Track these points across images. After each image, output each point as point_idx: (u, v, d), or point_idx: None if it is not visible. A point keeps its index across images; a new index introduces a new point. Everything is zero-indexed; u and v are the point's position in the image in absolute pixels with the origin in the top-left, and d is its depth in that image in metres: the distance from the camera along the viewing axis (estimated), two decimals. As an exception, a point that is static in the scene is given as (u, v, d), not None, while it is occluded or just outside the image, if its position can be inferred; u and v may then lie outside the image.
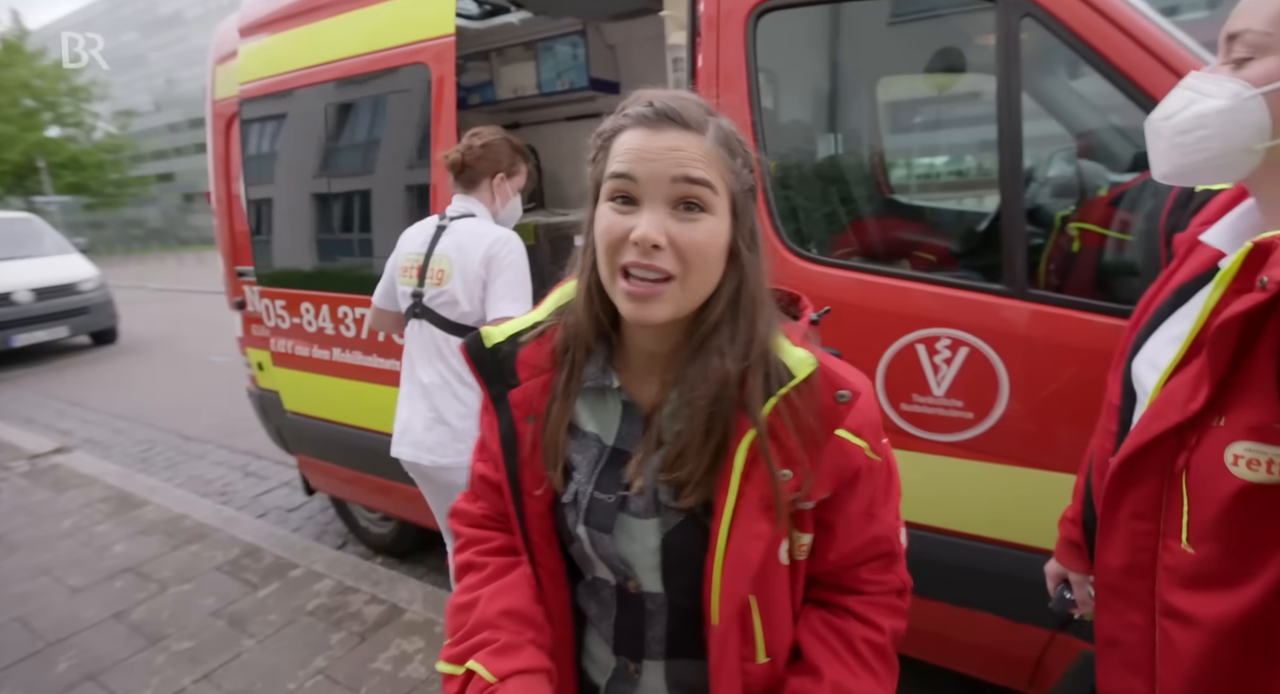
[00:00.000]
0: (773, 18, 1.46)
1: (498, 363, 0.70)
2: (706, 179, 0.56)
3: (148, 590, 2.53)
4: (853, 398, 0.61)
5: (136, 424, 5.07)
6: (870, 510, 0.67)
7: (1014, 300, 1.28)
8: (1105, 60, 1.15)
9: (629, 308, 0.58)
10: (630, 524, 0.65)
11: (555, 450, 0.66)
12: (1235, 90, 0.61)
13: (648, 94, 0.59)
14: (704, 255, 0.57)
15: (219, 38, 2.82)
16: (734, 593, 0.61)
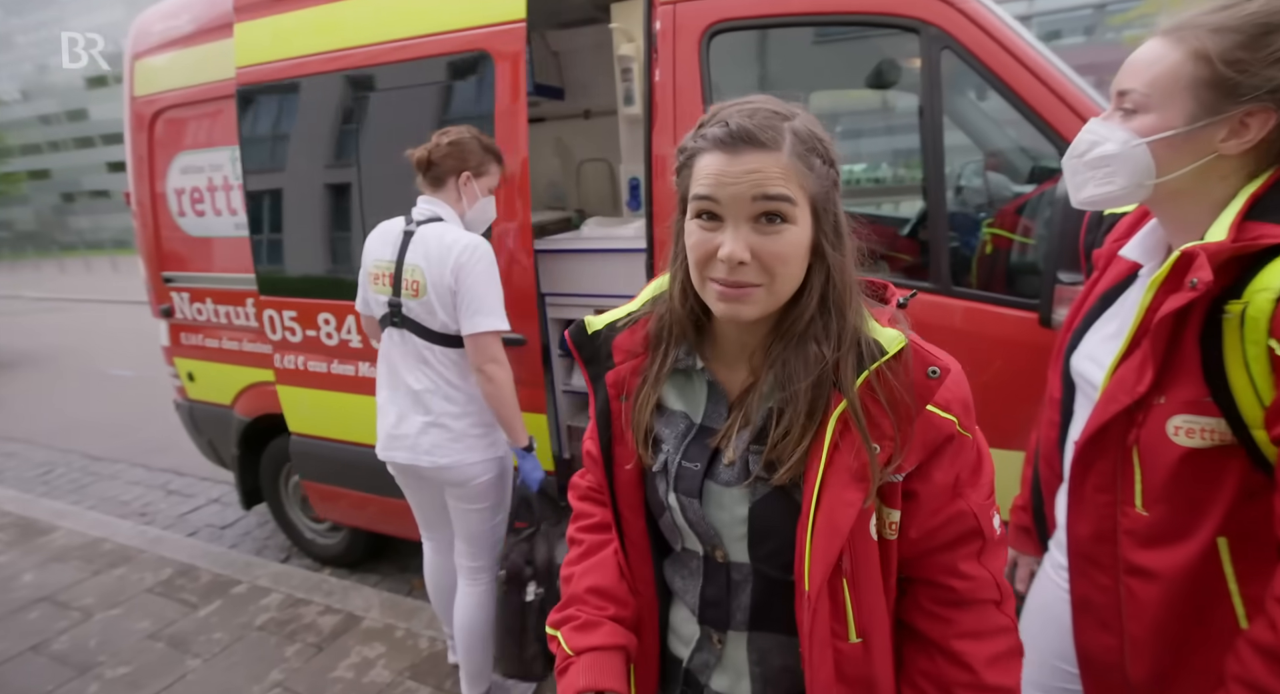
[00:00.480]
0: (724, 37, 1.59)
1: (596, 348, 0.76)
2: (785, 194, 0.59)
3: (69, 619, 2.35)
4: (943, 374, 0.63)
5: (30, 446, 4.61)
6: (957, 486, 0.66)
7: (940, 297, 1.47)
8: (1008, 87, 1.35)
9: (720, 307, 0.63)
10: (719, 493, 0.68)
11: (643, 426, 0.71)
12: (1125, 138, 0.74)
13: (725, 111, 0.62)
14: (786, 263, 0.61)
15: (138, 30, 2.67)
16: (825, 558, 0.63)
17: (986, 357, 1.43)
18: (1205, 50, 0.68)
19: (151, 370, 6.26)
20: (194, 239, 2.61)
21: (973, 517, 0.67)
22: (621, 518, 0.76)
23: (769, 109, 0.61)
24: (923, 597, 0.70)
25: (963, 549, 0.67)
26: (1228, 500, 0.70)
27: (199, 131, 2.53)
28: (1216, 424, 0.69)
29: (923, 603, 0.70)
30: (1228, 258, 0.66)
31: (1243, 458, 0.70)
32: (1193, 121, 0.70)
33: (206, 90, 2.45)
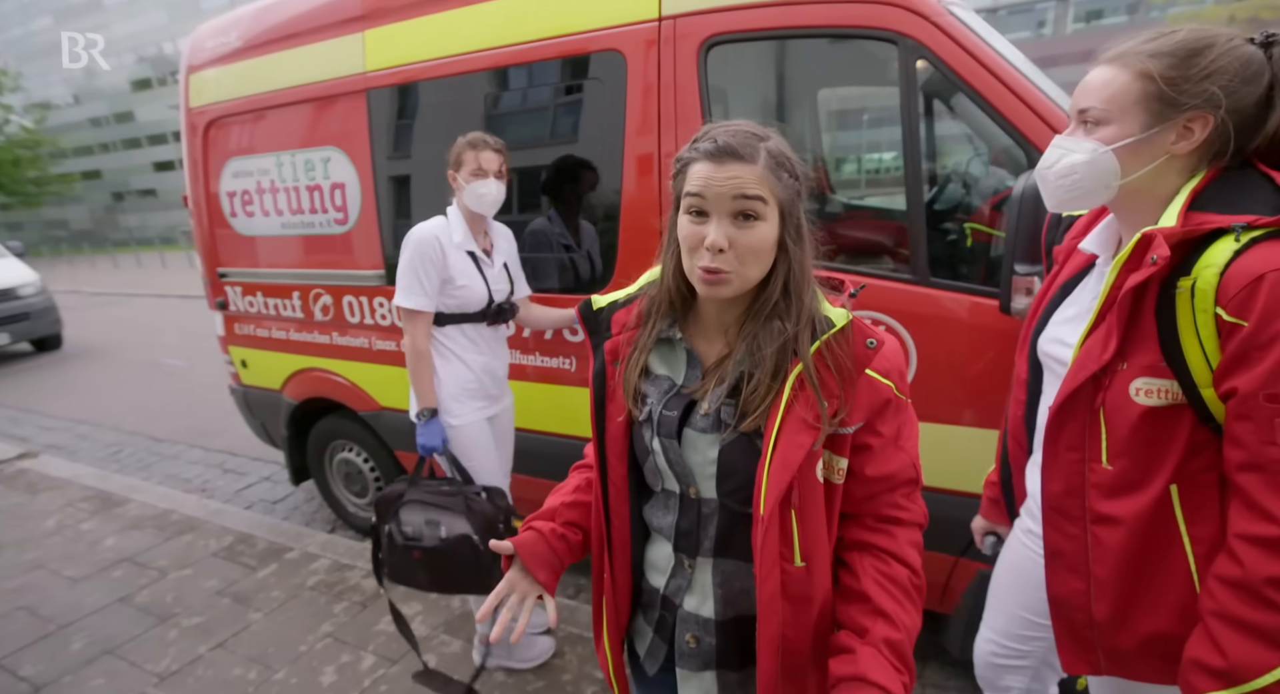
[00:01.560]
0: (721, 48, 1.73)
1: (599, 321, 0.93)
2: (759, 195, 0.74)
3: (148, 577, 2.65)
4: (878, 345, 0.79)
5: (100, 429, 5.02)
6: (899, 441, 0.82)
7: (919, 287, 1.60)
8: (976, 93, 1.47)
9: (703, 288, 0.78)
10: (695, 438, 0.84)
11: (631, 384, 0.87)
12: (1092, 148, 0.87)
13: (714, 130, 0.77)
14: (757, 252, 0.76)
15: (192, 45, 2.91)
16: (776, 488, 0.77)
17: (956, 339, 1.56)
18: (1148, 70, 0.82)
19: (201, 360, 6.71)
20: (244, 237, 2.86)
21: (913, 466, 0.84)
22: (607, 463, 0.92)
23: (749, 131, 0.77)
24: (869, 519, 0.85)
25: (904, 489, 0.85)
26: (1179, 453, 0.83)
27: (247, 139, 2.76)
28: (1170, 385, 0.82)
29: (869, 524, 0.85)
30: (1177, 240, 0.79)
31: (1191, 415, 0.82)
32: (1147, 129, 0.83)
33: (254, 101, 2.68)
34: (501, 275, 1.93)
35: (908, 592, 0.83)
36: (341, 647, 2.17)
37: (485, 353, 1.93)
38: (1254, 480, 0.75)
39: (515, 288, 1.98)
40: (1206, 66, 0.80)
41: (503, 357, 2.04)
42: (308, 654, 2.14)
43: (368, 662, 2.09)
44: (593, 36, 1.88)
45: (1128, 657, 0.92)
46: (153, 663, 2.14)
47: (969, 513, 1.63)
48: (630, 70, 1.84)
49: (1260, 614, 0.73)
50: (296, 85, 2.53)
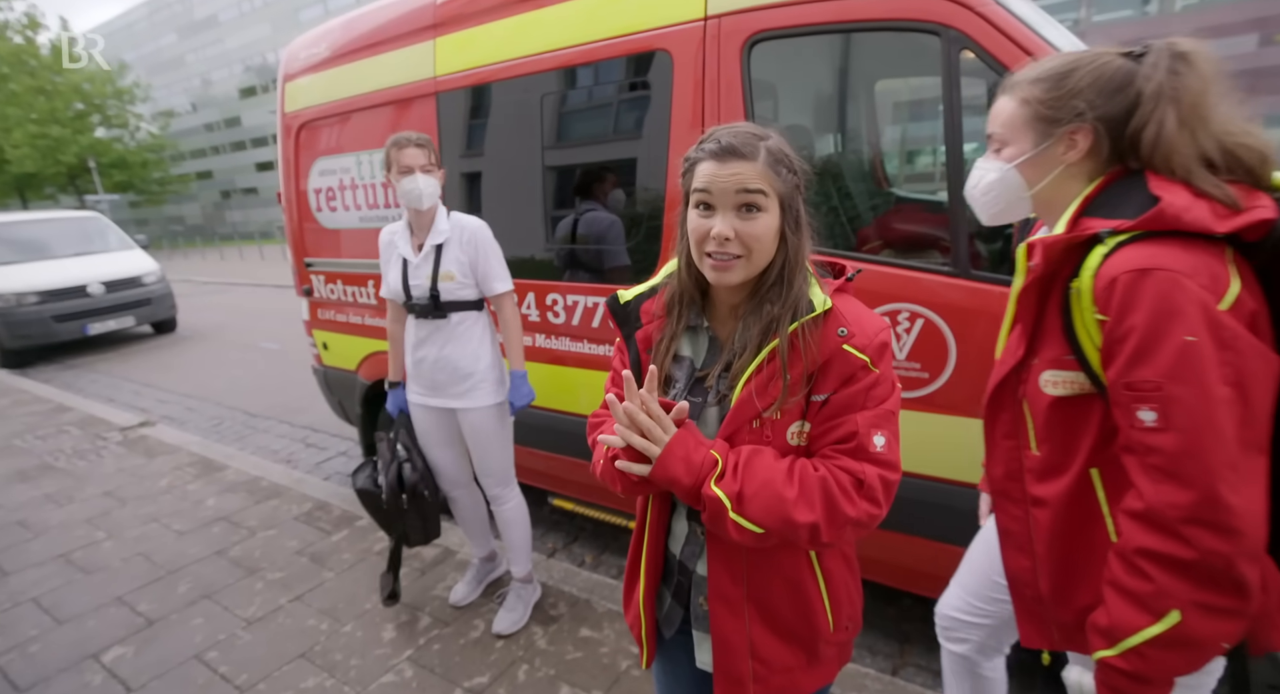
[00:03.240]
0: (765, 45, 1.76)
1: (627, 314, 1.00)
2: (760, 188, 0.82)
3: (240, 534, 2.97)
4: (850, 334, 0.84)
5: (205, 403, 5.59)
6: (856, 407, 0.84)
7: (958, 279, 1.57)
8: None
9: (712, 275, 0.86)
10: (705, 413, 0.92)
11: (664, 369, 0.95)
12: (1000, 167, 1.00)
13: (718, 132, 0.85)
14: (760, 241, 0.84)
15: (288, 56, 3.21)
16: (723, 433, 0.87)
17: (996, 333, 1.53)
18: (1029, 96, 0.95)
19: (292, 343, 7.32)
20: (327, 230, 3.14)
21: (855, 424, 0.85)
22: None
23: (750, 132, 0.85)
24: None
25: (842, 446, 0.85)
26: (1093, 438, 0.88)
27: (332, 140, 3.03)
28: (1076, 376, 0.88)
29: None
30: (1065, 246, 0.86)
31: (1101, 404, 0.87)
32: (1037, 145, 0.95)
33: (338, 105, 2.93)
34: (422, 272, 1.96)
35: (789, 463, 0.85)
36: (401, 607, 2.36)
37: (424, 344, 2.03)
38: (1130, 461, 0.81)
39: (454, 285, 1.95)
40: (1073, 86, 0.90)
41: (458, 351, 2.01)
42: (371, 612, 2.35)
43: (423, 622, 2.27)
44: (642, 37, 1.96)
45: (1072, 630, 0.96)
46: (242, 608, 2.41)
47: None
48: (677, 69, 1.90)
49: (1133, 581, 0.80)
50: (376, 90, 2.74)
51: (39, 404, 5.49)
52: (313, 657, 2.12)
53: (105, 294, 7.83)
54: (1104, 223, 0.82)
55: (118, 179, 31.62)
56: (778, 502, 0.82)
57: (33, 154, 27.57)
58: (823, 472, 0.84)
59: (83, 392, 6.13)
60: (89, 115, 30.30)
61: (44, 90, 28.02)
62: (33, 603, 2.53)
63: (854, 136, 2.64)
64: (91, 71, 29.82)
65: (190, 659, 2.14)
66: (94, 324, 7.73)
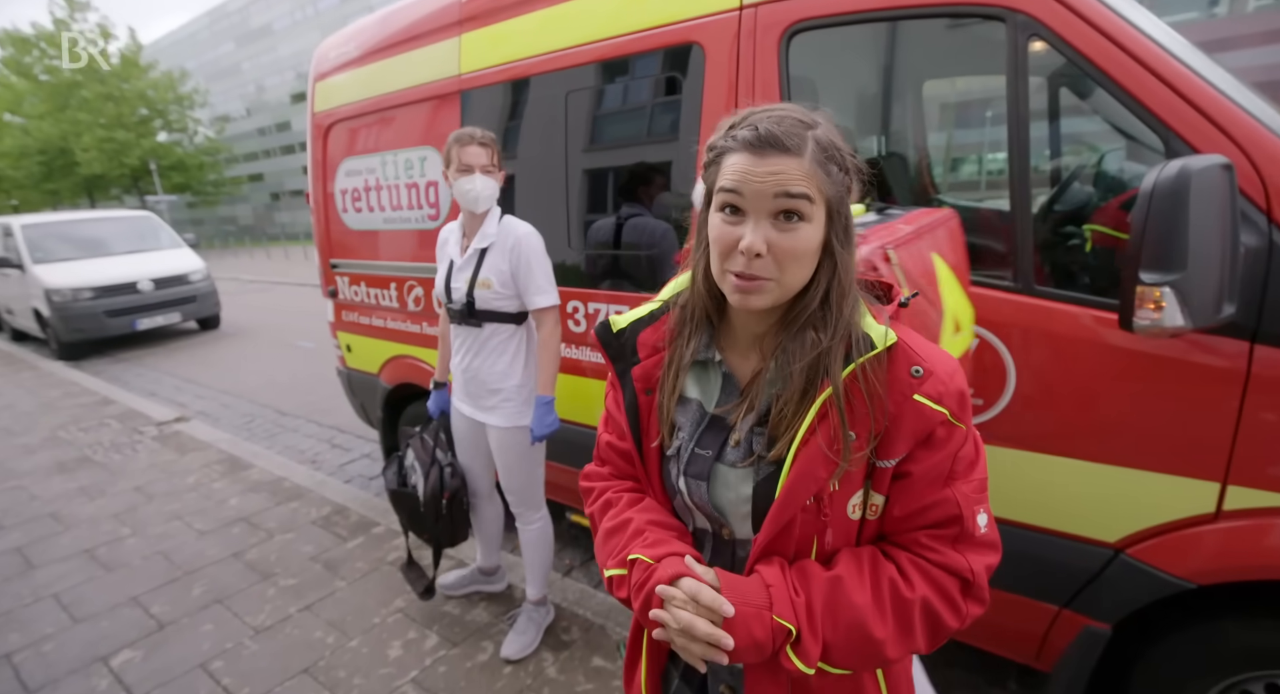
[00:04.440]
0: (804, 36, 1.62)
1: (621, 345, 0.82)
2: (805, 193, 0.64)
3: (258, 537, 2.94)
4: (926, 374, 0.67)
5: (240, 400, 5.69)
6: (947, 476, 0.69)
7: (1020, 296, 1.40)
8: (1109, 78, 1.25)
9: (736, 297, 0.69)
10: (727, 474, 0.74)
11: (668, 414, 0.78)
12: None
13: (755, 116, 0.67)
14: (798, 258, 0.67)
15: (318, 56, 3.20)
16: (774, 522, 0.70)
17: (1063, 357, 1.35)
18: None
19: (326, 343, 7.41)
20: (353, 231, 3.10)
21: (955, 504, 0.69)
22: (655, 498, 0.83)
23: (795, 117, 0.66)
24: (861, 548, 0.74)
25: (940, 532, 0.70)
26: None
27: (358, 140, 2.99)
28: None
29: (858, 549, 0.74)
30: None
31: None
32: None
33: (365, 105, 2.89)
34: (463, 276, 1.87)
35: (876, 575, 0.70)
36: (410, 623, 2.28)
37: (460, 351, 1.98)
38: None
39: (490, 294, 1.84)
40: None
41: (486, 364, 1.92)
42: (379, 626, 2.27)
43: (431, 641, 2.18)
44: (672, 30, 1.83)
45: None
46: (252, 616, 2.36)
47: (1074, 558, 1.42)
48: (709, 63, 1.77)
49: None
50: (402, 88, 2.69)
51: (86, 396, 5.68)
52: (316, 673, 2.05)
53: (154, 291, 8.11)
54: None
55: (176, 181, 33.14)
56: (869, 645, 0.67)
57: (100, 157, 29.11)
58: (921, 590, 0.68)
59: (128, 385, 6.32)
60: (152, 120, 31.87)
61: (112, 97, 29.60)
62: (53, 599, 2.54)
63: (900, 139, 2.46)
64: (156, 79, 31.39)
65: (195, 668, 2.09)
66: (143, 319, 8.01)
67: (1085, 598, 1.46)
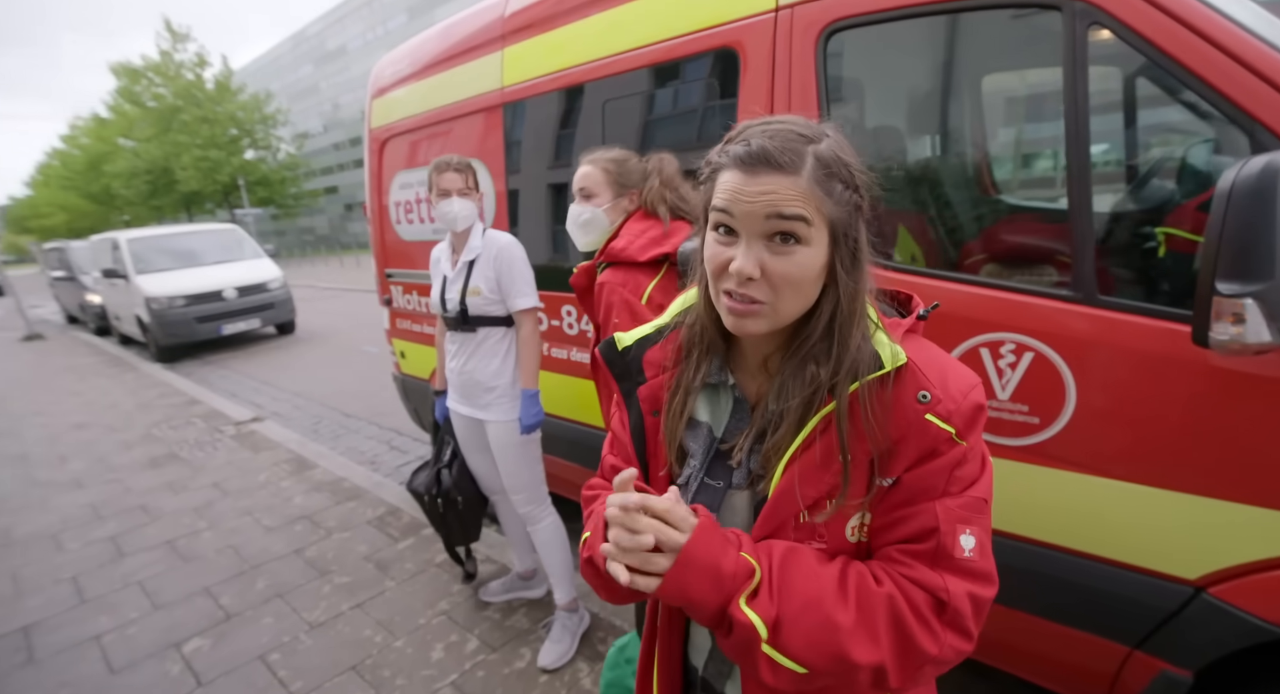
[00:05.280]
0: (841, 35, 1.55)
1: (627, 364, 0.79)
2: (801, 215, 0.60)
3: (318, 535, 3.10)
4: (933, 400, 0.63)
5: (310, 402, 6.02)
6: (931, 491, 0.64)
7: (1081, 306, 1.28)
8: (1182, 66, 1.13)
9: (729, 321, 0.66)
10: (731, 498, 0.71)
11: (674, 438, 0.74)
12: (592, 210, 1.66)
13: (750, 130, 0.63)
14: (795, 284, 0.62)
15: (375, 74, 3.34)
16: (763, 530, 0.67)
17: (1128, 373, 1.23)
18: (606, 167, 1.66)
19: (387, 349, 7.76)
20: (405, 242, 3.22)
21: (933, 516, 0.63)
22: None
23: (794, 131, 0.62)
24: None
25: (914, 547, 0.64)
26: None
27: (410, 154, 3.11)
28: None
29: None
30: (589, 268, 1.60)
31: None
32: (614, 198, 1.65)
33: (417, 120, 2.99)
34: (455, 287, 2.03)
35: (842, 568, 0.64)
36: (452, 626, 2.33)
37: (456, 355, 2.12)
38: None
39: (480, 300, 1.98)
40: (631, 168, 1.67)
41: (481, 365, 2.05)
42: (424, 627, 2.33)
43: (471, 645, 2.22)
44: (708, 34, 1.80)
45: None
46: (308, 611, 2.48)
47: (1147, 594, 1.29)
48: (746, 67, 1.72)
49: None
50: (450, 103, 2.78)
51: (177, 396, 6.17)
52: (363, 670, 2.13)
53: (237, 298, 8.73)
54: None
55: (261, 195, 35.65)
56: (827, 629, 0.60)
57: (197, 175, 31.69)
58: (888, 587, 0.62)
59: (213, 386, 6.82)
60: (241, 139, 34.41)
61: (208, 119, 32.16)
62: (138, 586, 2.76)
63: (955, 138, 2.32)
64: (244, 101, 33.88)
65: (255, 659, 2.22)
66: (227, 325, 8.64)
67: (1161, 639, 1.33)
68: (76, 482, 4.08)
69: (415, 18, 44.77)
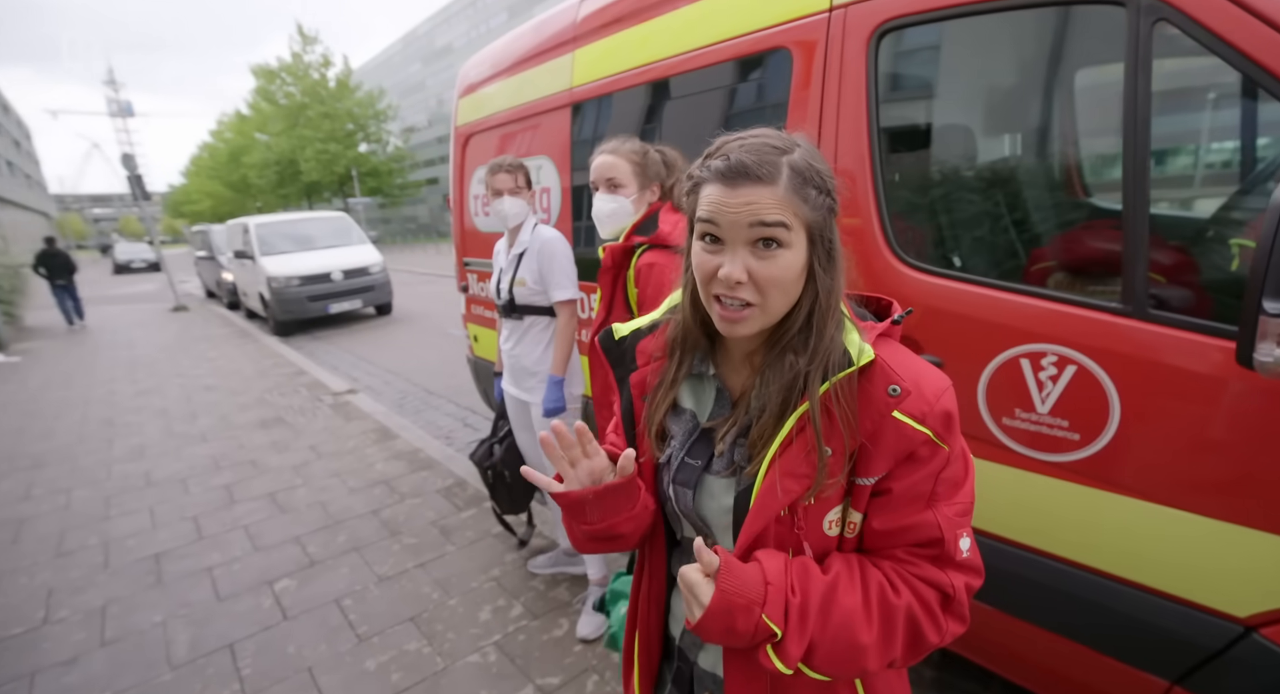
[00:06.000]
0: (895, 34, 1.52)
1: (622, 352, 0.86)
2: (781, 221, 0.65)
3: (393, 498, 3.40)
4: (904, 393, 0.67)
5: (398, 378, 6.53)
6: (928, 497, 0.69)
7: (1130, 320, 1.21)
8: (1263, 68, 1.04)
9: (721, 326, 0.71)
10: (712, 484, 0.77)
11: (655, 423, 0.80)
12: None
13: (728, 145, 0.68)
14: (780, 285, 0.67)
15: (461, 76, 3.58)
16: (748, 533, 0.71)
17: (1175, 393, 1.15)
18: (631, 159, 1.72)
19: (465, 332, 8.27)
20: (481, 233, 3.44)
21: (937, 527, 0.69)
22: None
23: (768, 144, 0.67)
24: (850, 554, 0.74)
25: (921, 550, 0.70)
26: None
27: (489, 150, 3.31)
28: None
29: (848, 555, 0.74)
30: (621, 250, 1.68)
31: None
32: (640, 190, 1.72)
33: (495, 118, 3.18)
34: (507, 277, 2.19)
35: (865, 580, 0.70)
36: (500, 592, 2.51)
37: (507, 340, 2.30)
38: None
39: (525, 290, 2.15)
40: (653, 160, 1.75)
41: (526, 350, 2.22)
42: (476, 590, 2.53)
43: (516, 611, 2.39)
44: (762, 35, 1.82)
45: None
46: (378, 565, 2.75)
47: (1189, 628, 1.22)
48: (795, 69, 1.73)
49: None
50: (525, 103, 2.94)
51: (288, 367, 6.88)
52: (420, 622, 2.35)
53: (343, 280, 9.56)
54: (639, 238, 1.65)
55: (371, 185, 38.50)
56: (853, 650, 0.67)
57: (318, 166, 34.72)
58: (906, 597, 0.68)
59: (318, 360, 7.54)
60: (356, 134, 37.28)
61: (329, 115, 35.09)
62: (244, 530, 3.16)
63: (1038, 138, 2.18)
64: (360, 98, 36.64)
65: (331, 602, 2.50)
66: (334, 304, 9.49)
67: (1204, 678, 1.24)
68: (203, 436, 4.68)
69: (515, 16, 46.43)
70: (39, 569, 2.90)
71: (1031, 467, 1.39)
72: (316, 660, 2.17)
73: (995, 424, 1.43)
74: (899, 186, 1.69)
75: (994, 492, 1.45)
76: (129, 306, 14.31)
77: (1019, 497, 1.43)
